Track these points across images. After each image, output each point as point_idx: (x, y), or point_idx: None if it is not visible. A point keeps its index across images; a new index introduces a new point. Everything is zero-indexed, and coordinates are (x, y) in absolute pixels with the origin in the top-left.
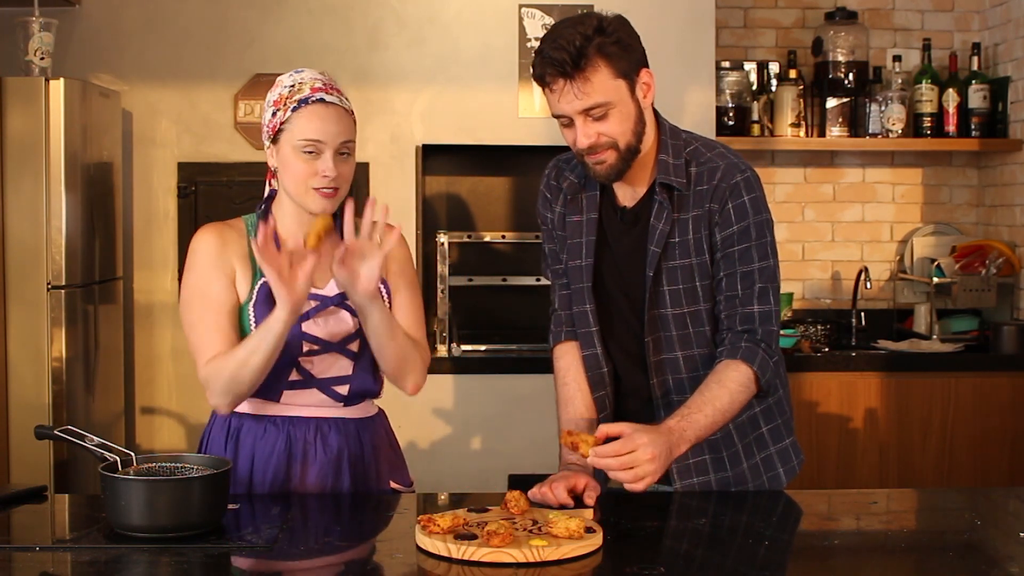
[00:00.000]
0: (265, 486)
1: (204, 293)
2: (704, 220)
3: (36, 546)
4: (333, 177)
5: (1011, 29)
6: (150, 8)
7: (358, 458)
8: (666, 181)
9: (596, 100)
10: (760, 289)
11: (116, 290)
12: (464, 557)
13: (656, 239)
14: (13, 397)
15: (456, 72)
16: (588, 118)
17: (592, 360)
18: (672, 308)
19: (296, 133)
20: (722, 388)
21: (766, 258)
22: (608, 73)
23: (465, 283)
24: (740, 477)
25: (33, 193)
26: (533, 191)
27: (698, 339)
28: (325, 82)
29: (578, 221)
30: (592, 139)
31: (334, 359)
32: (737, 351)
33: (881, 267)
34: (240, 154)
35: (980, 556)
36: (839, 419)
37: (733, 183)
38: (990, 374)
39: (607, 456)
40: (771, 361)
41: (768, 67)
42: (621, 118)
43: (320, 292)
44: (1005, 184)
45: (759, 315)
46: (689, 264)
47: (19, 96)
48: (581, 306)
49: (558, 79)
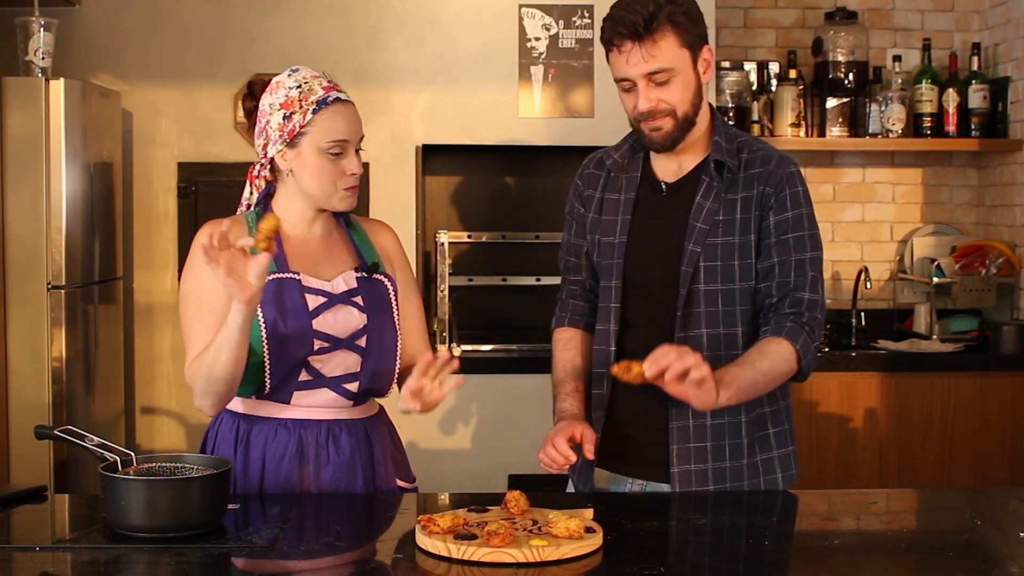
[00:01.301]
0: (277, 489)
1: (199, 291)
2: (755, 202)
3: (36, 546)
4: (359, 175)
5: (1011, 29)
6: (150, 8)
7: (368, 458)
8: (720, 159)
9: (661, 64)
10: (812, 278)
11: (116, 290)
12: (464, 557)
13: (704, 216)
14: (13, 397)
15: (456, 72)
16: (651, 83)
17: (603, 336)
18: (706, 284)
19: (321, 135)
20: (763, 356)
21: (817, 249)
22: (675, 41)
23: (465, 283)
24: (737, 472)
25: (33, 193)
26: (533, 191)
27: (726, 318)
28: (329, 79)
29: (616, 199)
30: (653, 104)
31: (343, 356)
32: (782, 329)
33: (881, 267)
34: (240, 154)
35: (980, 556)
36: (839, 419)
37: (789, 172)
38: (990, 374)
39: (664, 351)
40: (813, 345)
41: (768, 67)
42: (682, 87)
43: (326, 288)
44: (1005, 184)
45: (808, 301)
46: (731, 243)
47: (19, 96)
48: (608, 281)
49: (626, 41)
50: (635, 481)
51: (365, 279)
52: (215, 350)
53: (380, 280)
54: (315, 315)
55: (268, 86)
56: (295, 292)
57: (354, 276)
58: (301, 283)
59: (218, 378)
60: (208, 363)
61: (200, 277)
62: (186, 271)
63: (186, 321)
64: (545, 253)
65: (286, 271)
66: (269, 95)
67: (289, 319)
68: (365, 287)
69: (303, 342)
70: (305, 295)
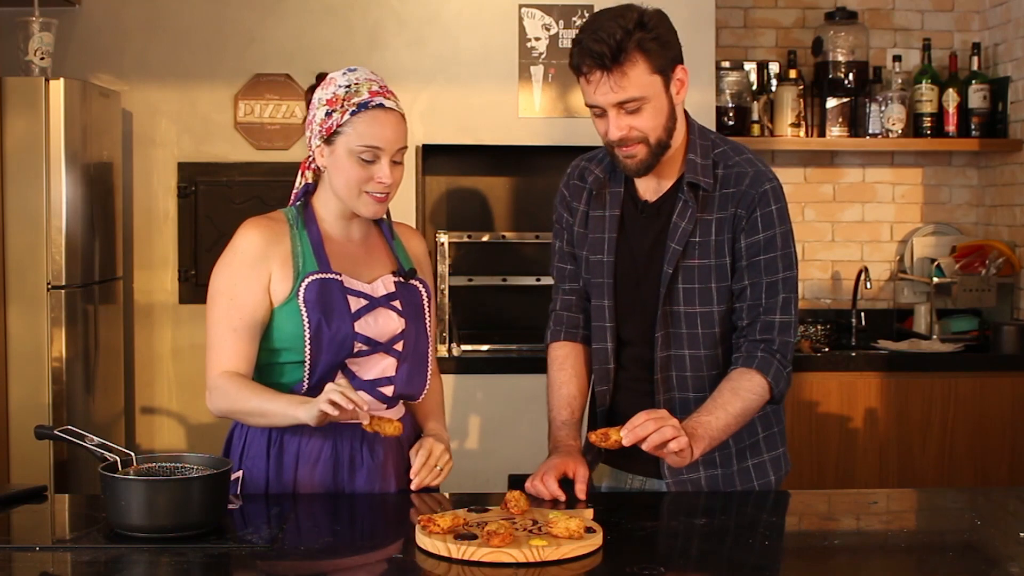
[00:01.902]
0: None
1: (233, 291)
2: (728, 223)
3: (36, 546)
4: (388, 184)
5: (1011, 29)
6: (150, 8)
7: (400, 461)
8: (693, 180)
9: (631, 94)
10: (783, 300)
11: (116, 290)
12: (464, 557)
13: (678, 237)
14: (13, 397)
15: (456, 72)
16: (622, 111)
17: (601, 355)
18: (685, 306)
19: (355, 138)
20: (735, 396)
21: (789, 268)
22: (645, 68)
23: (465, 283)
24: (729, 479)
25: (33, 193)
26: (533, 191)
27: (706, 340)
28: (381, 85)
29: (601, 217)
30: (624, 132)
31: (380, 359)
32: (753, 360)
33: (881, 267)
34: (240, 154)
35: (980, 556)
36: (839, 419)
37: (762, 191)
38: (990, 374)
39: (642, 422)
40: (785, 372)
41: (768, 67)
42: (654, 113)
43: (367, 291)
44: (1005, 184)
45: (779, 325)
46: (708, 265)
47: (19, 96)
48: (600, 300)
49: (595, 71)
50: (635, 477)
51: (402, 284)
52: (255, 410)
53: (415, 286)
54: (357, 317)
55: (325, 79)
56: (338, 293)
57: (392, 280)
58: (343, 284)
59: (240, 419)
60: (241, 409)
61: (236, 276)
62: (220, 268)
63: (214, 320)
64: (545, 253)
65: (329, 271)
66: (321, 89)
67: (333, 321)
68: (403, 292)
69: (344, 344)
70: (348, 296)
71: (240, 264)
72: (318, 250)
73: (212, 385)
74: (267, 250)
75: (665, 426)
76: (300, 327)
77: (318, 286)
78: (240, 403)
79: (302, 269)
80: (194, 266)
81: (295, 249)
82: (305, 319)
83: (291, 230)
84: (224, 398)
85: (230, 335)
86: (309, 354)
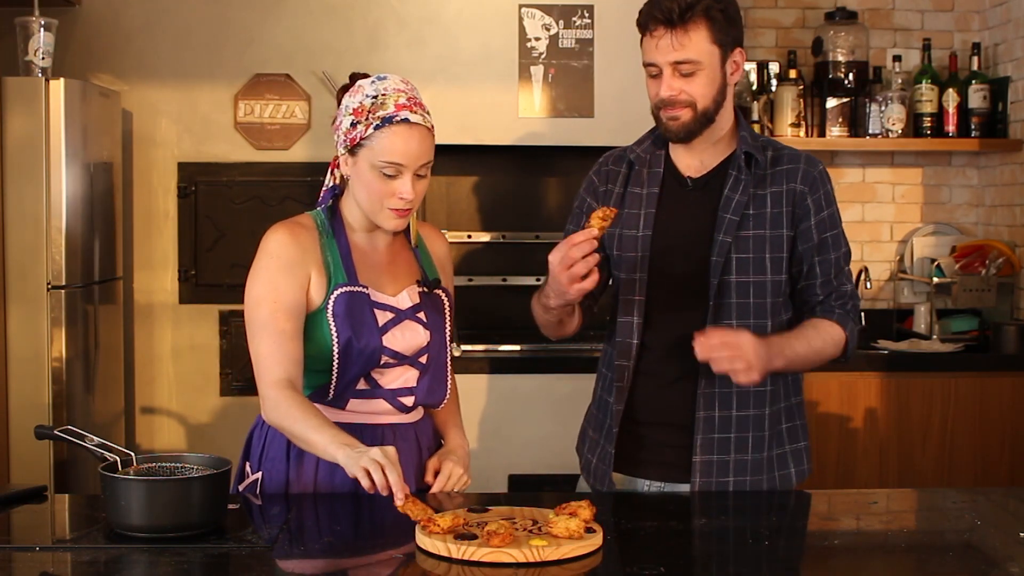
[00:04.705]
0: (332, 490)
1: (276, 294)
2: (789, 197)
3: (36, 546)
4: (410, 200)
5: (1011, 29)
6: (150, 8)
7: (418, 462)
8: (750, 150)
9: (689, 55)
10: (848, 272)
11: (116, 290)
12: (464, 557)
13: (732, 208)
14: (13, 397)
15: (456, 72)
16: (676, 72)
17: (626, 328)
18: (738, 276)
19: (377, 153)
20: (817, 334)
21: (847, 244)
22: (707, 35)
23: (465, 283)
24: (757, 465)
25: (33, 193)
26: (533, 191)
27: (756, 310)
28: (410, 96)
29: (638, 193)
30: (674, 92)
31: (403, 370)
32: (832, 314)
33: (881, 267)
34: (240, 154)
35: (980, 556)
36: (839, 419)
37: (820, 171)
38: (990, 374)
39: (714, 340)
40: (855, 335)
41: (768, 67)
42: (707, 81)
43: (393, 304)
44: (1005, 184)
45: (851, 294)
46: (762, 235)
47: (19, 96)
48: (631, 274)
49: (659, 27)
50: (652, 483)
51: (426, 294)
52: (299, 436)
53: (439, 295)
54: (384, 331)
55: (354, 85)
56: (365, 307)
57: (417, 291)
58: (370, 297)
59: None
60: (287, 428)
61: (277, 279)
62: (256, 275)
63: (259, 326)
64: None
65: (356, 284)
66: (350, 96)
67: (363, 336)
68: (427, 302)
69: (372, 358)
70: (375, 310)
71: (278, 268)
72: (347, 262)
73: (266, 395)
74: (303, 255)
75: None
76: (328, 339)
77: (347, 299)
78: (288, 423)
79: (332, 280)
80: (194, 266)
81: (325, 258)
82: (334, 333)
83: (321, 238)
84: (275, 412)
85: (278, 338)
86: (337, 367)
